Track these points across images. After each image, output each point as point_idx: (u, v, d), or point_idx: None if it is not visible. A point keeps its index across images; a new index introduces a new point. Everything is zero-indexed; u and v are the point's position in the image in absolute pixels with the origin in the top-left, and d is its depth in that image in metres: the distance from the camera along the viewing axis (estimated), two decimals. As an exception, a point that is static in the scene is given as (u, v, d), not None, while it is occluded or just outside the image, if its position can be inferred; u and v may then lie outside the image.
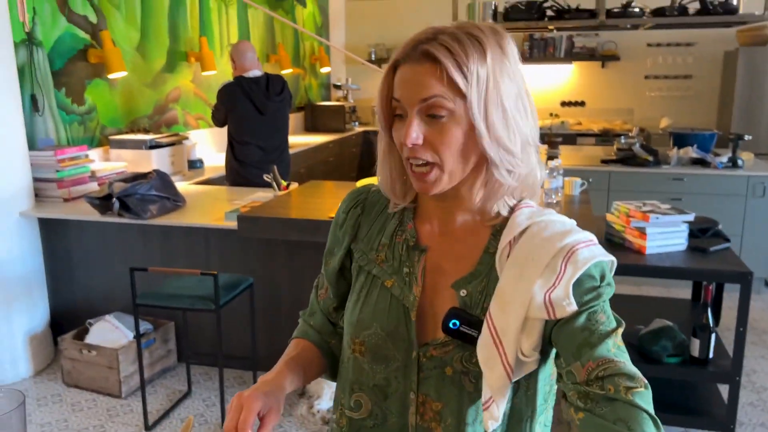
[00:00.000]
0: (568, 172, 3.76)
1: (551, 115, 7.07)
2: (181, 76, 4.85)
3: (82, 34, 3.85)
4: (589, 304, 0.90)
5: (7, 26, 3.11)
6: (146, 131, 4.35)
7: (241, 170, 3.99)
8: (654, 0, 4.59)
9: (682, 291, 4.15)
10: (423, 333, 0.98)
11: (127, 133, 4.22)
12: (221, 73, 5.13)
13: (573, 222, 0.98)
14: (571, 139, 6.34)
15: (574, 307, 0.88)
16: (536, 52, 6.99)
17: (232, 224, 2.94)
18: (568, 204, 2.87)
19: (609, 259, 0.94)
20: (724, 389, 2.45)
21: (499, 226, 0.97)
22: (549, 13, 4.57)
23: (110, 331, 3.18)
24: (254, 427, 0.91)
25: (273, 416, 0.93)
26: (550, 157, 4.63)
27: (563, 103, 7.18)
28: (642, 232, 2.45)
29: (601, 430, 0.82)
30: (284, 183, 3.48)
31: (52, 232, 3.45)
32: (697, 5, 4.29)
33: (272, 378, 1.00)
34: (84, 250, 3.46)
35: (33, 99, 3.51)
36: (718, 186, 4.27)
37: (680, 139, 4.69)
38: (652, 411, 0.84)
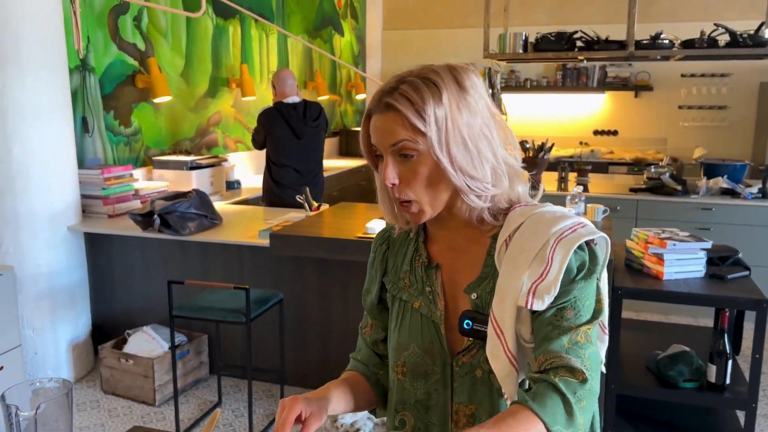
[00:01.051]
0: (596, 200, 3.82)
1: (581, 143, 7.12)
2: (222, 101, 5.07)
3: (131, 60, 4.10)
4: (558, 300, 0.99)
5: (64, 54, 3.35)
6: (188, 153, 4.57)
7: (277, 191, 4.17)
8: (684, 31, 4.64)
9: (708, 320, 4.13)
10: (453, 344, 1.08)
11: (169, 154, 4.44)
12: (260, 98, 5.35)
13: (564, 209, 1.08)
14: (602, 167, 6.37)
15: (542, 306, 0.98)
16: (569, 81, 7.07)
17: (265, 242, 3.08)
18: (589, 230, 2.94)
19: (599, 236, 1.02)
20: (743, 415, 2.47)
21: (497, 231, 1.07)
22: (579, 44, 4.66)
23: (147, 342, 3.34)
24: (296, 429, 1.01)
25: (314, 420, 1.02)
26: (578, 185, 4.70)
27: (596, 132, 7.21)
28: (660, 258, 2.51)
29: (520, 395, 0.94)
30: (316, 204, 3.62)
31: (96, 246, 3.65)
32: (727, 37, 4.34)
33: (317, 391, 1.11)
34: (125, 263, 3.65)
35: (84, 121, 3.75)
36: (747, 216, 4.26)
37: (711, 170, 4.70)
38: (571, 397, 0.92)
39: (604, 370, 1.08)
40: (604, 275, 1.05)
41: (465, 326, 1.04)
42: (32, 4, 3.11)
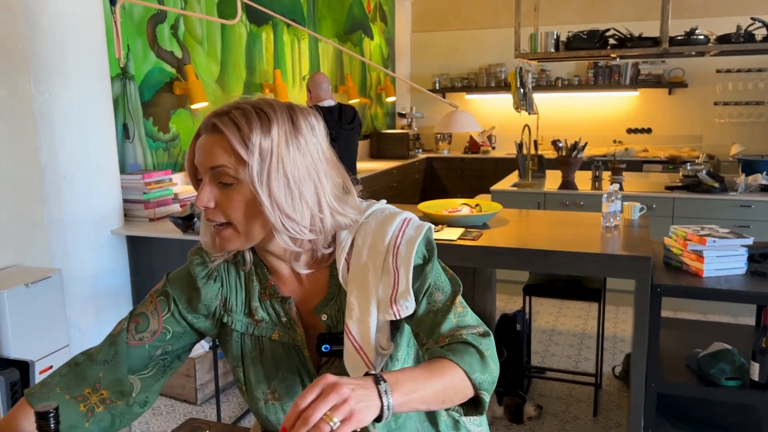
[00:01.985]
0: (631, 198, 3.79)
1: (614, 141, 7.05)
2: (256, 106, 5.15)
3: (168, 68, 4.20)
4: (422, 290, 1.07)
5: (105, 62, 3.45)
6: (223, 157, 4.65)
7: (312, 193, 4.23)
8: (719, 26, 4.58)
9: (748, 319, 4.07)
10: (316, 362, 1.13)
11: (206, 158, 4.53)
12: (293, 102, 5.42)
13: (382, 207, 1.14)
14: (636, 165, 6.31)
15: (413, 307, 1.05)
16: (601, 79, 7.01)
17: (302, 243, 3.13)
18: (626, 227, 2.92)
19: (426, 227, 1.09)
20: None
21: (331, 258, 1.10)
22: (611, 41, 4.63)
23: (188, 342, 3.42)
24: None
25: None
26: (613, 183, 4.66)
27: (629, 130, 7.14)
28: (699, 255, 2.48)
29: (433, 354, 1.01)
30: (351, 206, 3.66)
31: (138, 248, 3.75)
32: (764, 32, 4.27)
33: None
34: (166, 265, 3.74)
35: (125, 127, 3.86)
36: (788, 213, 4.19)
37: (749, 166, 4.63)
38: (478, 345, 1.01)
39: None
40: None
41: (323, 350, 1.07)
42: (75, 15, 3.22)
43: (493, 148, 7.57)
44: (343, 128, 4.22)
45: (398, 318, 1.04)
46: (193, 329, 1.14)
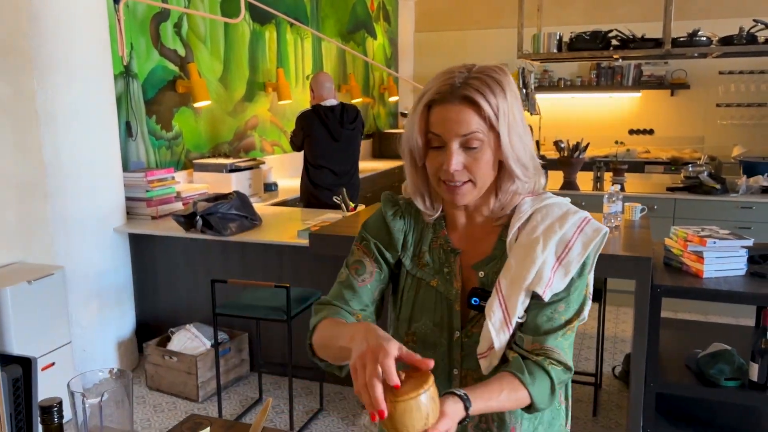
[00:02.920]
0: (632, 199, 3.79)
1: (616, 142, 7.05)
2: (259, 105, 5.17)
3: (171, 66, 4.22)
4: (559, 295, 1.15)
5: (109, 61, 3.47)
6: (226, 156, 4.67)
7: (315, 192, 4.24)
8: (721, 28, 4.59)
9: (748, 320, 4.07)
10: (464, 318, 1.21)
11: (209, 157, 4.54)
12: (296, 102, 5.44)
13: (567, 201, 1.23)
14: (638, 166, 6.31)
15: (548, 298, 1.13)
16: (603, 80, 7.02)
17: (304, 242, 3.14)
18: (627, 228, 2.93)
19: (603, 232, 1.16)
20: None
21: (506, 221, 1.21)
22: (614, 42, 4.64)
23: (190, 339, 3.43)
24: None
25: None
26: (614, 184, 4.67)
27: (631, 131, 7.14)
28: (699, 256, 2.49)
29: (516, 366, 1.10)
30: (352, 205, 3.67)
31: (140, 246, 3.76)
32: (767, 33, 4.27)
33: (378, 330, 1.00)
34: (169, 263, 3.76)
35: (128, 125, 3.87)
36: (789, 215, 4.19)
37: (750, 168, 4.63)
38: (556, 381, 1.12)
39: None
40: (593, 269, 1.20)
41: (473, 302, 1.17)
42: (79, 13, 3.24)
43: (495, 148, 7.57)
44: (345, 128, 4.23)
45: (541, 297, 1.13)
46: (389, 268, 1.26)
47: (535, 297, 1.15)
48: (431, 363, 0.92)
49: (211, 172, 4.27)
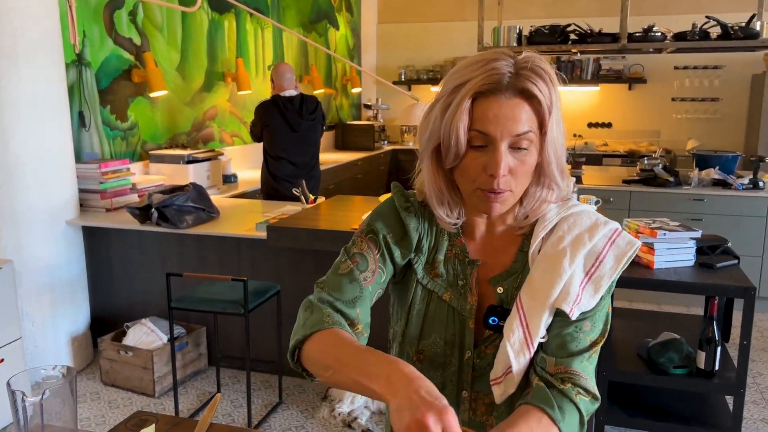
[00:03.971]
0: (589, 191, 3.87)
1: (575, 135, 7.16)
2: (218, 96, 5.09)
3: (126, 55, 4.12)
4: (585, 314, 1.03)
5: (60, 48, 3.36)
6: (184, 147, 4.59)
7: (274, 184, 4.21)
8: (677, 24, 4.68)
9: (699, 309, 4.19)
10: (477, 336, 1.08)
11: (166, 148, 4.46)
12: (256, 92, 5.37)
13: (594, 209, 1.11)
14: (596, 159, 6.42)
15: (575, 316, 1.01)
16: (563, 73, 7.09)
17: (262, 234, 3.11)
18: (582, 220, 2.99)
19: (636, 246, 1.05)
20: (731, 400, 2.52)
21: (528, 230, 1.08)
22: (572, 36, 4.69)
23: (146, 334, 3.38)
24: None
25: None
26: (572, 176, 4.74)
27: (590, 125, 7.26)
28: (650, 247, 2.55)
29: (543, 398, 0.98)
30: (312, 197, 3.65)
31: (94, 239, 3.68)
32: (718, 30, 4.38)
33: (423, 380, 0.85)
34: (123, 257, 3.68)
35: (81, 115, 3.77)
36: (738, 207, 4.32)
37: (703, 161, 4.75)
38: (585, 415, 1.00)
39: None
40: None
41: (491, 322, 1.05)
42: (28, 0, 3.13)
43: (458, 140, 7.60)
44: (304, 119, 4.20)
45: (565, 314, 1.01)
46: (393, 267, 1.10)
47: (558, 314, 1.03)
48: None
49: (168, 164, 4.20)
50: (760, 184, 4.34)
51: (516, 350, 1.01)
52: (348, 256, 1.08)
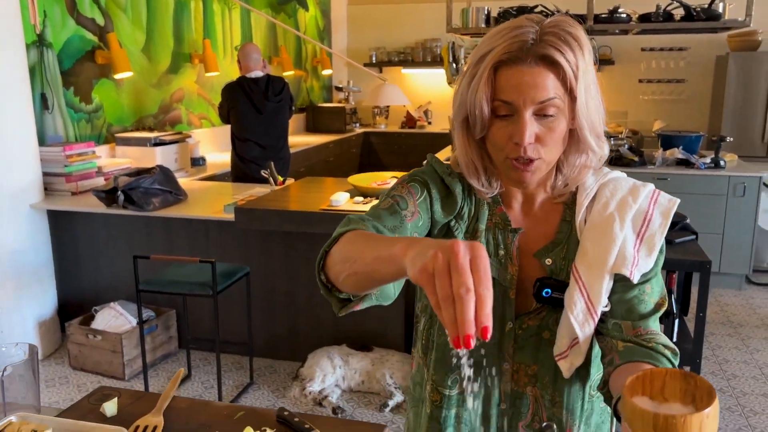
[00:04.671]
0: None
1: (546, 117, 7.24)
2: (185, 77, 5.03)
3: (89, 35, 4.04)
4: (646, 276, 1.03)
5: (19, 28, 3.29)
6: (151, 130, 4.54)
7: (242, 166, 4.19)
8: (642, 6, 4.74)
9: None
10: (519, 307, 1.06)
11: (132, 131, 4.40)
12: (224, 74, 5.32)
13: (625, 175, 1.11)
14: (565, 140, 6.48)
15: (637, 279, 1.00)
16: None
17: (230, 216, 3.11)
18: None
19: (677, 202, 1.06)
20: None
21: (568, 198, 1.08)
22: (540, 18, 4.73)
23: (115, 318, 3.36)
24: None
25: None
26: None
27: (559, 106, 7.33)
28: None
29: (642, 354, 0.97)
30: (281, 179, 3.65)
31: (60, 223, 3.63)
32: (682, 11, 4.45)
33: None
34: (90, 241, 3.64)
35: (43, 97, 3.70)
36: (700, 186, 4.42)
37: (667, 141, 4.84)
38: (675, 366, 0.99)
39: None
40: None
41: (544, 294, 1.03)
42: (-15, -23, 3.06)
43: (429, 123, 7.63)
44: (270, 100, 4.17)
45: (627, 280, 1.00)
46: (431, 223, 1.05)
47: (618, 281, 1.02)
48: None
49: (135, 147, 4.15)
50: (722, 163, 4.44)
51: (580, 321, 1.00)
52: (388, 196, 1.05)
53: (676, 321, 2.49)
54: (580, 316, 1.00)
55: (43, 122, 3.71)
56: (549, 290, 1.02)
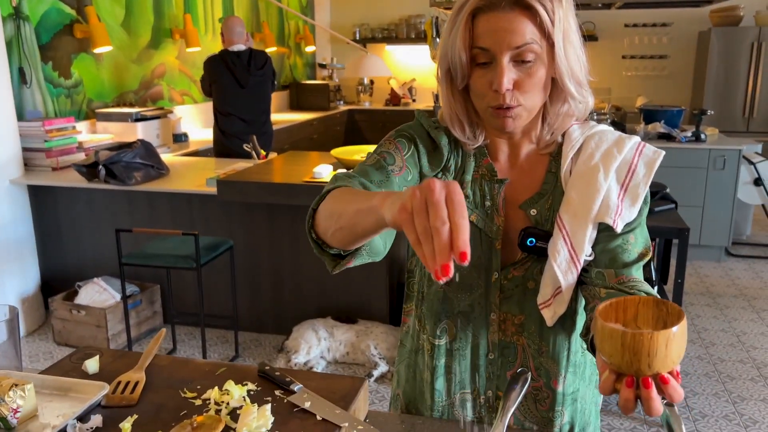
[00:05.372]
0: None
1: (530, 93, 7.25)
2: (166, 53, 4.97)
3: (67, 9, 3.97)
4: (630, 226, 1.03)
5: (-4, 0, 3.23)
6: (132, 105, 4.49)
7: (225, 141, 4.16)
8: (625, -20, 4.75)
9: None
10: (504, 258, 1.07)
11: (113, 107, 4.35)
12: (206, 49, 5.25)
13: (611, 128, 1.11)
14: (548, 116, 6.50)
15: (620, 228, 1.01)
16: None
17: (213, 190, 3.10)
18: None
19: (662, 154, 1.06)
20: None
21: (554, 149, 1.08)
22: (523, -9, 4.72)
23: (98, 293, 3.35)
24: None
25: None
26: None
27: (543, 83, 7.34)
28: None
29: (621, 293, 0.98)
30: (263, 152, 3.64)
31: (41, 199, 3.60)
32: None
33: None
34: (72, 216, 3.62)
35: (21, 72, 3.64)
36: (681, 159, 4.46)
37: (650, 116, 4.88)
38: None
39: None
40: None
41: (528, 243, 1.04)
42: (-42, -53, 2.99)
43: (414, 100, 7.61)
44: (252, 74, 4.14)
45: (610, 229, 1.01)
46: (419, 176, 1.07)
47: (602, 231, 1.03)
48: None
49: (116, 122, 4.10)
50: (702, 136, 4.49)
51: (563, 269, 1.01)
52: (375, 153, 1.07)
53: (655, 288, 2.53)
54: (564, 264, 1.01)
55: (22, 97, 3.66)
56: (533, 240, 1.03)
